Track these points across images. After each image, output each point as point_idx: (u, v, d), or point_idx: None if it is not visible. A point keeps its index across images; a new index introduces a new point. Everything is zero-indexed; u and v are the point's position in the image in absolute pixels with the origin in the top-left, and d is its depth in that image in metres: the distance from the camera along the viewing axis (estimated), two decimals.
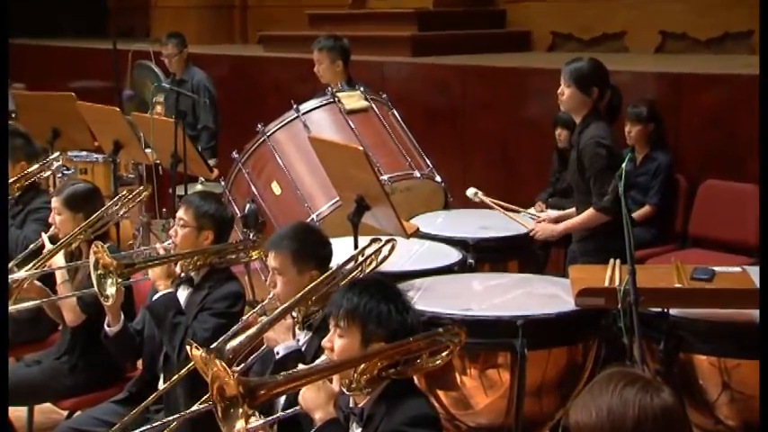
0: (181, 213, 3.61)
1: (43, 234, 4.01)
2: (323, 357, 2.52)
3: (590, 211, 4.05)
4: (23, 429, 4.19)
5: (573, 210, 4.27)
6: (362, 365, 2.38)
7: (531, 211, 4.96)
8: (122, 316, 3.55)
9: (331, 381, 2.40)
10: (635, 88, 5.69)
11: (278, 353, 2.98)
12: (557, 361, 3.36)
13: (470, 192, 4.62)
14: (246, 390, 2.22)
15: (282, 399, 2.78)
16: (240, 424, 2.21)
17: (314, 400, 2.36)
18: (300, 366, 2.45)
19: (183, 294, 3.55)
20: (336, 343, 2.47)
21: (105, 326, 3.56)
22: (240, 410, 2.21)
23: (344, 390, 2.42)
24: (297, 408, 2.43)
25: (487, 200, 4.54)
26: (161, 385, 3.53)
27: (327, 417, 2.36)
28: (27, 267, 3.80)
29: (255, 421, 2.36)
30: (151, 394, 3.44)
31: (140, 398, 3.50)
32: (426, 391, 3.25)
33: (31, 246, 4.13)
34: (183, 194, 5.08)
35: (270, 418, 2.54)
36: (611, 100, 4.13)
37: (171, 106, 6.69)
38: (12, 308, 3.71)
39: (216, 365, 2.32)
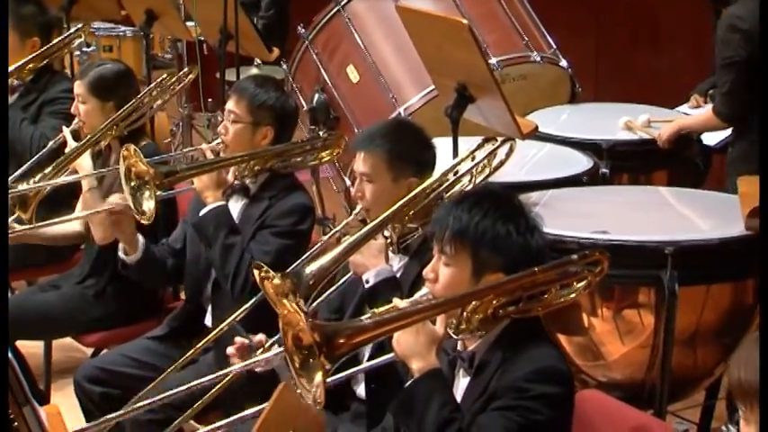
0: (231, 105, 3.62)
1: (65, 128, 4.07)
2: (423, 290, 2.54)
3: (708, 112, 4.14)
4: (39, 369, 4.33)
5: None
6: (474, 303, 2.40)
7: (685, 108, 4.87)
8: (140, 239, 3.61)
9: (434, 322, 2.42)
10: None
11: (367, 281, 3.04)
12: (717, 301, 3.36)
13: (642, 118, 4.48)
14: (323, 338, 2.23)
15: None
16: (318, 378, 2.23)
17: (411, 345, 2.38)
18: (396, 301, 2.46)
19: (236, 207, 3.60)
20: (441, 273, 2.49)
21: (121, 254, 3.63)
22: (317, 363, 2.22)
23: (451, 332, 2.44)
24: (390, 355, 2.46)
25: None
26: (208, 319, 3.64)
27: (428, 367, 2.38)
28: (45, 172, 3.83)
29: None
30: (196, 329, 3.55)
31: (183, 334, 3.62)
32: None
33: (50, 143, 4.21)
34: (234, 81, 5.13)
35: (355, 369, 2.57)
36: None
37: None
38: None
39: (285, 306, 2.34)
